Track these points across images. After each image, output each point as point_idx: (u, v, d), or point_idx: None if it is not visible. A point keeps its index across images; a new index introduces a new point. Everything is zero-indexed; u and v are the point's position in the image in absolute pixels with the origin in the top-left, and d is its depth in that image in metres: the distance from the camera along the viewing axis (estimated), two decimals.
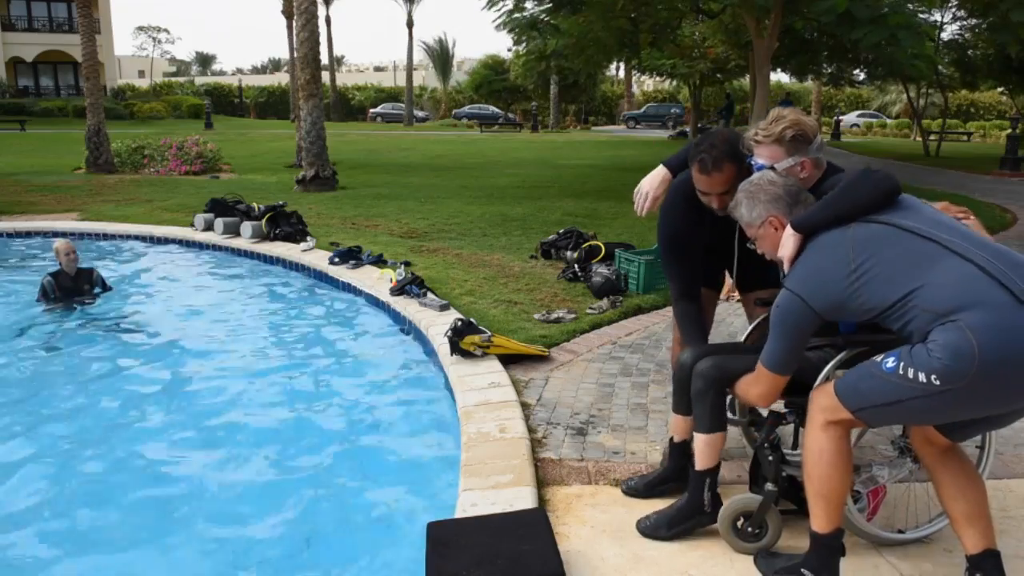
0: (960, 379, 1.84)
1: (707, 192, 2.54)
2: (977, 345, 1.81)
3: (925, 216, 2.05)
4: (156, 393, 4.39)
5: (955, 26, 18.86)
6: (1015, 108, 22.84)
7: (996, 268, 1.88)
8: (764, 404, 2.30)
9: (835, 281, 2.03)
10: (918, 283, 1.92)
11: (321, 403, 4.21)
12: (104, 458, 3.59)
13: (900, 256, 1.97)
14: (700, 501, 2.52)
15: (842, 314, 2.08)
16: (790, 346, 2.14)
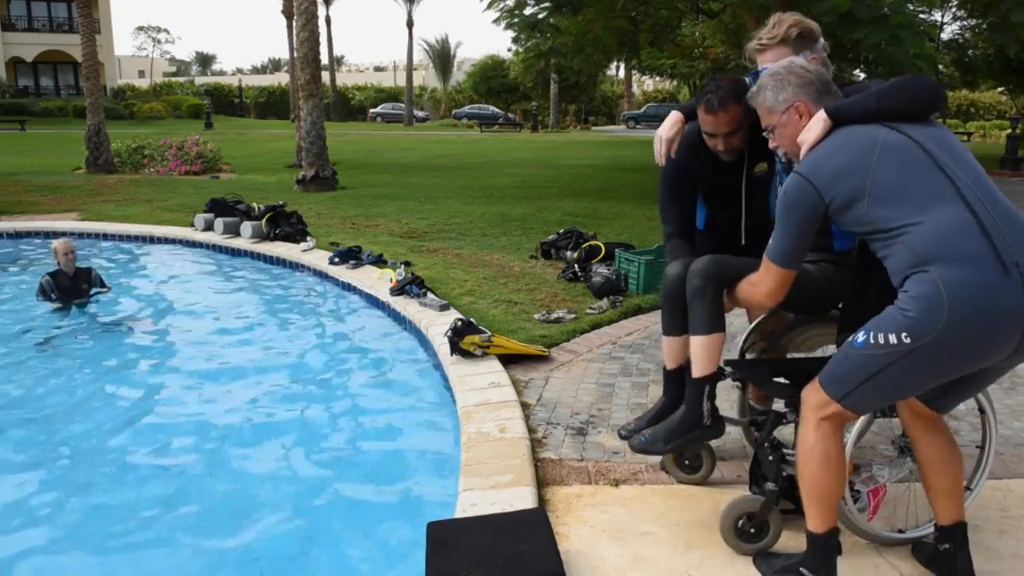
0: (928, 333, 1.83)
1: (713, 133, 2.52)
2: (947, 299, 1.81)
3: (952, 149, 1.99)
4: (155, 393, 4.39)
5: (955, 26, 18.87)
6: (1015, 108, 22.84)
7: (997, 230, 1.85)
8: (772, 301, 2.21)
9: (851, 177, 1.97)
10: (919, 219, 1.89)
11: (320, 403, 4.21)
12: (103, 458, 3.59)
13: (917, 183, 1.93)
14: (699, 412, 2.43)
15: (843, 216, 2.01)
16: (798, 237, 2.07)
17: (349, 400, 4.24)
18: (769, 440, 2.44)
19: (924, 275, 1.84)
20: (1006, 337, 1.84)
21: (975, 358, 1.90)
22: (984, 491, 2.64)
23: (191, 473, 3.43)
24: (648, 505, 2.71)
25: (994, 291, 1.80)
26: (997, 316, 1.81)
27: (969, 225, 1.85)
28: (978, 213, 1.87)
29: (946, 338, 1.83)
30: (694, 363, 2.42)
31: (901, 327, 1.87)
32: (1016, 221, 1.89)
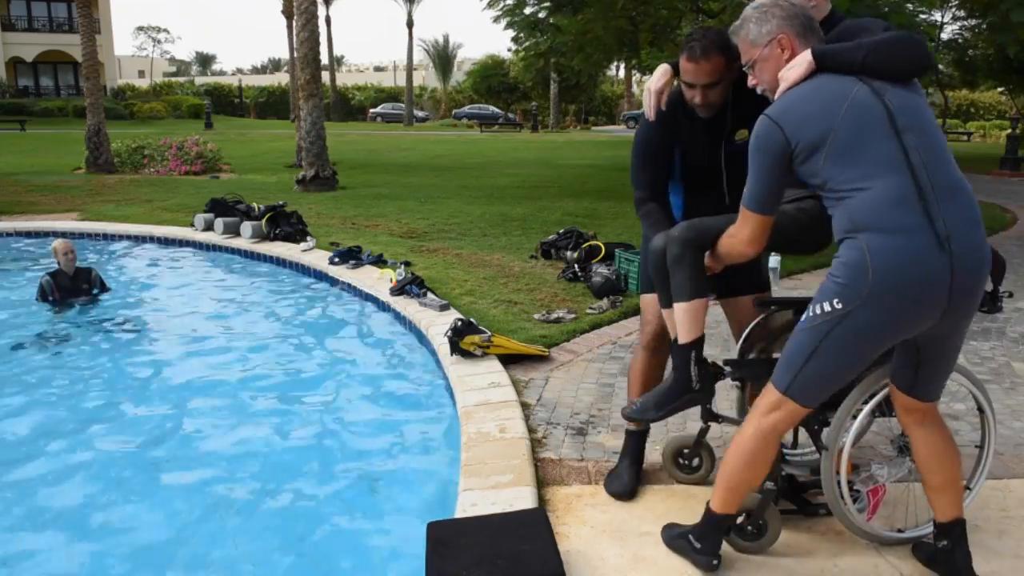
0: (855, 299, 1.90)
1: (692, 83, 2.45)
2: (870, 265, 1.88)
3: (920, 118, 1.99)
4: (155, 392, 4.39)
5: (955, 26, 18.86)
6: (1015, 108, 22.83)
7: (937, 207, 1.89)
8: (753, 250, 2.21)
9: (816, 127, 1.97)
10: (862, 185, 1.93)
11: (320, 403, 4.21)
12: (102, 458, 3.59)
13: (871, 149, 1.94)
14: (688, 377, 2.42)
15: (803, 165, 2.01)
16: (769, 181, 2.07)
17: (349, 400, 4.24)
18: None
19: (853, 241, 1.92)
20: (931, 303, 1.90)
21: (904, 323, 1.94)
22: (984, 491, 2.64)
23: (190, 473, 3.43)
24: (648, 505, 2.71)
25: (919, 260, 1.86)
26: (919, 283, 1.87)
27: (909, 198, 1.89)
28: (922, 187, 1.90)
29: (872, 303, 1.89)
30: (679, 329, 2.41)
31: (833, 294, 1.94)
32: (960, 199, 1.93)
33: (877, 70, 1.99)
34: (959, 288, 1.90)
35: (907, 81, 2.02)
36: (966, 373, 2.44)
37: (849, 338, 1.96)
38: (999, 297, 2.43)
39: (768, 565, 2.35)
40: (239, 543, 2.89)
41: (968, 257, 1.90)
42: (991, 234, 8.53)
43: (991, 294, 2.44)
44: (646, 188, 2.67)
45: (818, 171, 1.98)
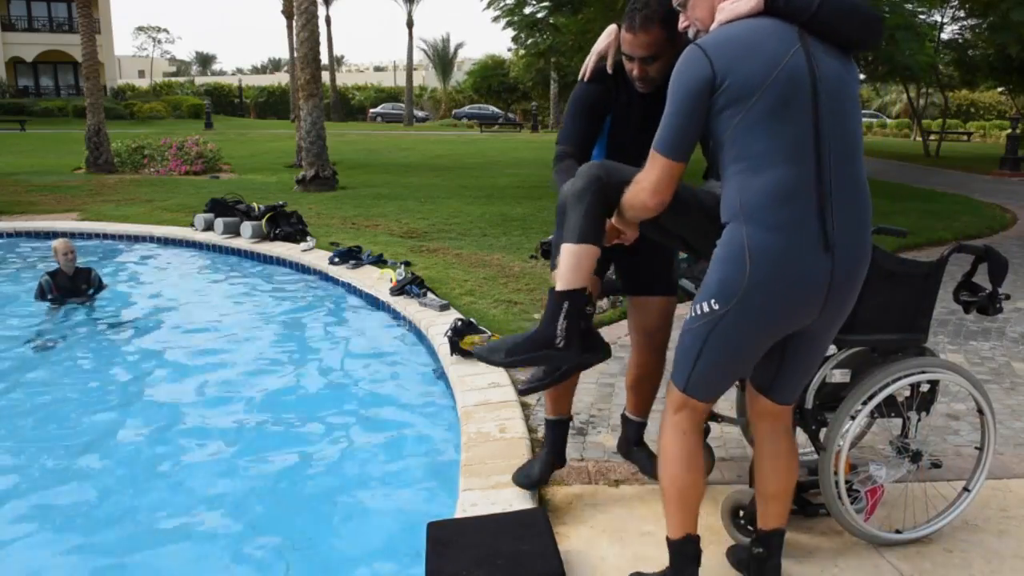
0: (731, 298, 1.83)
1: (630, 55, 2.32)
2: (749, 265, 1.79)
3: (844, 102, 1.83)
4: (154, 392, 4.39)
5: (955, 26, 18.86)
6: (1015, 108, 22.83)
7: (831, 208, 1.80)
8: (655, 201, 1.91)
9: (749, 72, 1.76)
10: (768, 166, 1.78)
11: (320, 403, 4.21)
12: (102, 457, 3.59)
13: (785, 126, 1.77)
14: (552, 331, 2.06)
15: (719, 115, 1.80)
16: (685, 120, 1.82)
17: (349, 400, 4.25)
18: None
19: (736, 230, 1.81)
20: (807, 303, 1.85)
21: (781, 322, 1.89)
22: (984, 491, 2.64)
23: (189, 473, 3.43)
24: (648, 505, 2.71)
25: (799, 262, 1.79)
26: (797, 286, 1.81)
27: (805, 193, 1.78)
28: (823, 181, 1.79)
29: (748, 303, 1.82)
30: (559, 275, 2.08)
31: (711, 293, 1.87)
32: (858, 201, 1.85)
33: (828, 26, 1.80)
34: (837, 288, 1.85)
35: (848, 52, 1.87)
36: (966, 373, 2.44)
37: (729, 338, 1.89)
38: (998, 299, 2.44)
39: None
40: (238, 542, 2.89)
41: (850, 258, 1.84)
42: (991, 234, 8.53)
43: (990, 295, 2.44)
44: (573, 143, 2.44)
45: (730, 127, 1.79)
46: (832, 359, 2.41)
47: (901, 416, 2.47)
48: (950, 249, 2.45)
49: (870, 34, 1.85)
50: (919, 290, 2.45)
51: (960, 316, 5.02)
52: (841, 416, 2.32)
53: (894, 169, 16.88)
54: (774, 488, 2.17)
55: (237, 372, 4.67)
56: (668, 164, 1.86)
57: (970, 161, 18.69)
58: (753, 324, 1.87)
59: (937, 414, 3.43)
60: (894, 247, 6.30)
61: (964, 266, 2.52)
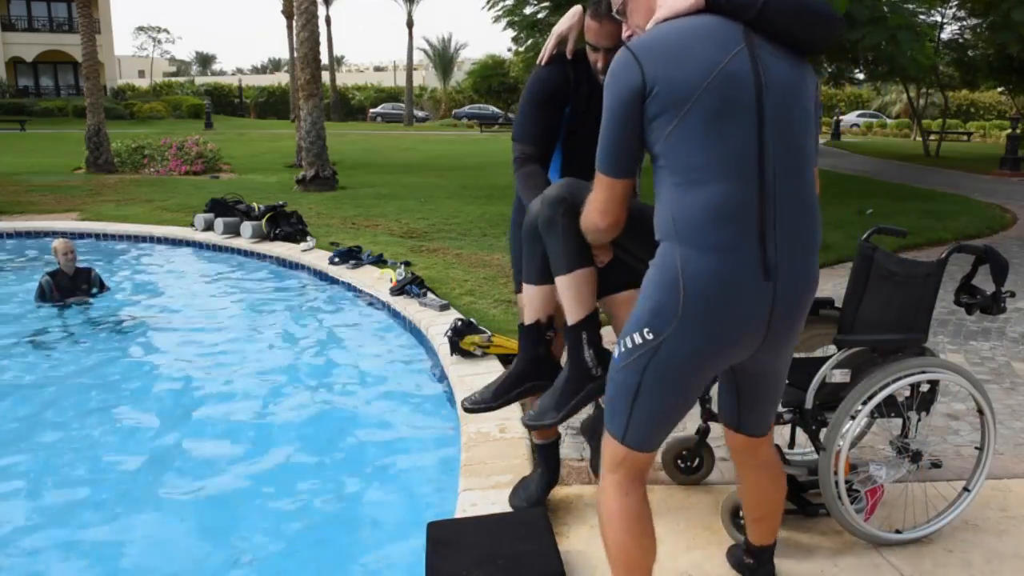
0: (667, 325, 1.63)
1: (595, 46, 2.16)
2: (683, 291, 1.61)
3: (791, 108, 1.64)
4: (155, 393, 4.39)
5: (955, 26, 18.86)
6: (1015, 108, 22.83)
7: (773, 229, 1.61)
8: (605, 221, 1.76)
9: (681, 75, 1.57)
10: (705, 181, 1.59)
11: (320, 403, 4.21)
12: (102, 457, 3.59)
13: (726, 135, 1.58)
14: (584, 364, 2.02)
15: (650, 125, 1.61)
16: (619, 131, 1.65)
17: (349, 400, 4.25)
18: None
19: (669, 252, 1.62)
20: (745, 336, 1.67)
21: (719, 354, 1.70)
22: (984, 491, 2.64)
23: (189, 473, 3.43)
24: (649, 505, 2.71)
25: (737, 290, 1.61)
26: (734, 316, 1.63)
27: (745, 213, 1.59)
28: (766, 199, 1.60)
29: (684, 332, 1.63)
30: (565, 309, 2.02)
31: (643, 322, 1.67)
32: (804, 222, 1.66)
33: (776, 25, 1.62)
34: (779, 320, 1.67)
35: (803, 55, 1.67)
36: (966, 373, 2.44)
37: (668, 371, 1.68)
38: (1002, 297, 2.44)
39: None
40: (237, 542, 2.89)
41: (793, 286, 1.66)
42: (991, 234, 8.53)
43: (993, 295, 2.44)
44: (533, 143, 2.24)
45: (661, 139, 1.61)
46: (832, 359, 2.41)
47: (901, 416, 2.47)
48: (950, 249, 2.44)
49: (824, 33, 1.66)
50: (919, 290, 2.45)
51: (960, 316, 5.02)
52: (841, 416, 2.32)
53: (894, 169, 16.89)
54: (759, 513, 2.13)
55: (237, 372, 4.67)
56: (610, 182, 1.71)
57: (970, 161, 18.69)
58: (691, 354, 1.66)
59: (937, 414, 3.43)
60: (894, 247, 6.30)
61: (964, 266, 2.52)
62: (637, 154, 1.71)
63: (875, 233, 2.82)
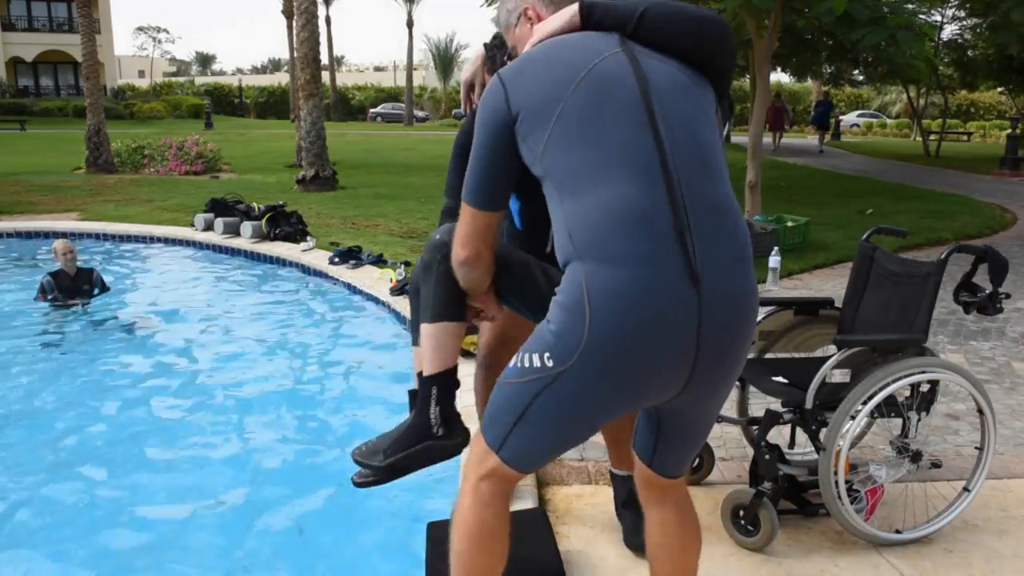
0: (570, 355, 1.40)
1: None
2: (590, 314, 1.37)
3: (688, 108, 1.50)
4: (155, 393, 4.39)
5: (955, 26, 18.86)
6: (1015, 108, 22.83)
7: (690, 229, 1.40)
8: (465, 253, 1.65)
9: (543, 90, 1.48)
10: (597, 183, 1.42)
11: (320, 403, 4.22)
12: (102, 457, 3.59)
13: (613, 133, 1.43)
14: (427, 419, 1.91)
15: (524, 144, 1.50)
16: (486, 161, 1.56)
17: (349, 400, 4.25)
18: (766, 439, 2.44)
19: (573, 272, 1.41)
20: (667, 369, 1.42)
21: (633, 394, 1.47)
22: (984, 491, 2.64)
23: (190, 472, 3.43)
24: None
25: (657, 299, 1.37)
26: (655, 332, 1.38)
27: (653, 214, 1.39)
28: (676, 199, 1.40)
29: (590, 365, 1.40)
30: (424, 357, 1.93)
31: (546, 346, 1.45)
32: (724, 225, 1.46)
33: (655, 34, 1.53)
34: (709, 346, 1.41)
35: (696, 67, 1.56)
36: (966, 373, 2.45)
37: (563, 407, 1.47)
38: (999, 298, 2.44)
39: (768, 564, 2.35)
40: (237, 542, 2.89)
41: (725, 297, 1.41)
42: (991, 234, 8.53)
43: (990, 295, 2.44)
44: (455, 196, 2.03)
45: (540, 156, 1.47)
46: (832, 359, 2.41)
47: (901, 416, 2.47)
48: (950, 249, 2.44)
49: (704, 39, 1.56)
50: (919, 290, 2.45)
51: (960, 316, 5.02)
52: (841, 416, 2.32)
53: (894, 169, 16.88)
54: (668, 570, 1.78)
55: (237, 372, 4.67)
56: (471, 213, 1.60)
57: (970, 161, 18.68)
58: (595, 393, 1.44)
59: (937, 414, 3.43)
60: (894, 247, 6.30)
61: (964, 266, 2.52)
62: (507, 187, 1.60)
63: (875, 233, 2.83)
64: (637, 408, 1.61)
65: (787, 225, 7.18)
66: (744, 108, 31.96)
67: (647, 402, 1.54)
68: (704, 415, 1.60)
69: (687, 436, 1.65)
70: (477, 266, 1.68)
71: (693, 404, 1.55)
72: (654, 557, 1.79)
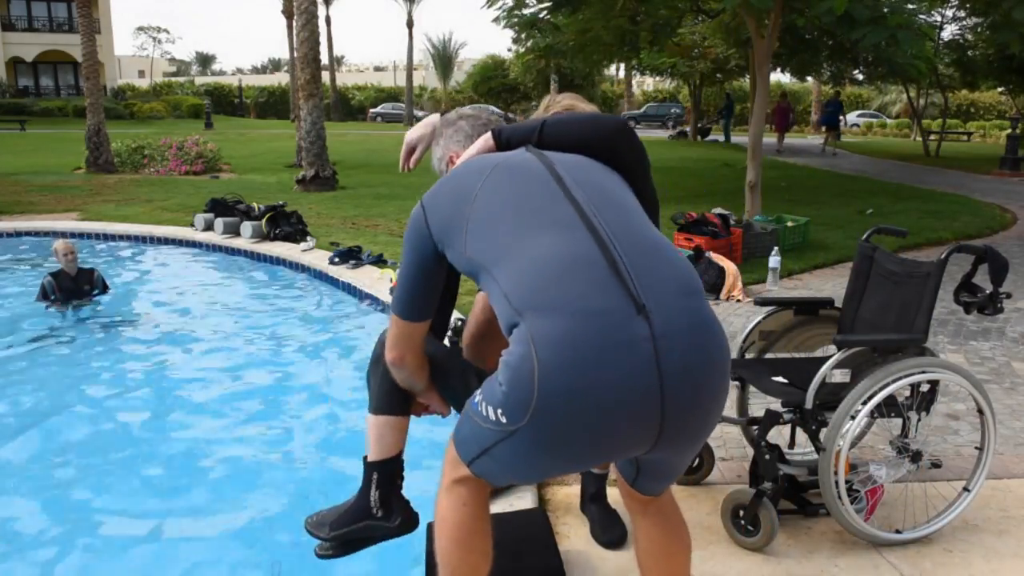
0: (522, 415, 1.34)
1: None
2: (538, 367, 1.31)
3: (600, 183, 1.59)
4: (155, 393, 4.39)
5: (955, 26, 18.86)
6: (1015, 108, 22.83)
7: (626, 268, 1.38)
8: (391, 355, 1.81)
9: (456, 203, 1.57)
10: (523, 244, 1.43)
11: (320, 403, 4.21)
12: (102, 457, 3.59)
13: (528, 204, 1.50)
14: (367, 501, 2.02)
15: (451, 252, 1.57)
16: (411, 278, 1.66)
17: (348, 400, 4.24)
18: (766, 439, 2.44)
19: (518, 332, 1.36)
20: (632, 420, 1.34)
21: (593, 452, 1.41)
22: (984, 491, 2.64)
23: (189, 472, 3.43)
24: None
25: (611, 342, 1.30)
26: (611, 382, 1.30)
27: (587, 255, 1.38)
28: (602, 240, 1.42)
29: (542, 426, 1.34)
30: (368, 442, 2.05)
31: (497, 403, 1.40)
32: (658, 255, 1.45)
33: (554, 135, 1.71)
34: (676, 392, 1.33)
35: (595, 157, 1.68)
36: (966, 373, 2.45)
37: (523, 459, 1.44)
38: (999, 298, 2.44)
39: (768, 564, 2.35)
40: (236, 541, 2.89)
41: (684, 341, 1.34)
42: (991, 234, 8.52)
43: (991, 295, 2.44)
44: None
45: (465, 251, 1.52)
46: (832, 359, 2.41)
47: (901, 416, 2.47)
48: (950, 249, 2.44)
49: (597, 135, 1.73)
50: (919, 290, 2.45)
51: (960, 316, 5.02)
52: (841, 416, 2.32)
53: (894, 169, 16.88)
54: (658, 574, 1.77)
55: (237, 372, 4.67)
56: (400, 324, 1.73)
57: (970, 161, 18.68)
58: (550, 452, 1.40)
59: (937, 414, 3.43)
60: (894, 247, 6.30)
61: (964, 266, 2.52)
62: (431, 303, 1.71)
63: (875, 233, 2.83)
64: (610, 461, 1.63)
65: (787, 225, 7.18)
66: (744, 108, 31.98)
67: (617, 456, 1.51)
68: (687, 455, 1.57)
69: (670, 473, 1.64)
70: (403, 367, 1.82)
71: (671, 457, 1.52)
72: (642, 564, 1.79)
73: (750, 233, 6.65)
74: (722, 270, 5.51)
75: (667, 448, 1.43)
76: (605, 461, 1.56)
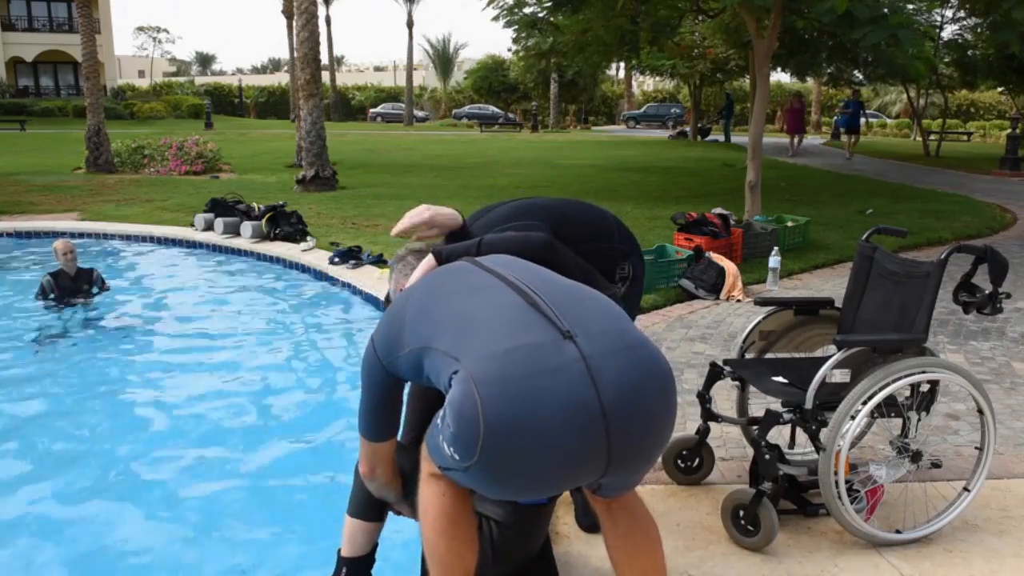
0: (471, 454, 1.39)
1: None
2: (481, 406, 1.37)
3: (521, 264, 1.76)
4: (155, 392, 4.39)
5: (955, 26, 18.85)
6: (1015, 108, 22.83)
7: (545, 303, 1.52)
8: (363, 469, 1.92)
9: (394, 319, 1.70)
10: (452, 308, 1.58)
11: (320, 402, 4.22)
12: (102, 456, 3.59)
13: (452, 285, 1.67)
14: None
15: (401, 371, 1.69)
16: (371, 404, 1.79)
17: (348, 400, 4.24)
18: (766, 439, 2.44)
19: (458, 377, 1.43)
20: (582, 433, 1.38)
21: (551, 475, 1.44)
22: (984, 491, 2.64)
23: (189, 472, 3.43)
24: (649, 505, 2.69)
25: (550, 373, 1.38)
26: (555, 407, 1.36)
27: (511, 303, 1.53)
28: (522, 289, 1.57)
29: (492, 464, 1.40)
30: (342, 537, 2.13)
31: (448, 439, 1.45)
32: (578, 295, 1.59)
33: (491, 249, 1.94)
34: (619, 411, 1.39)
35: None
36: (966, 373, 2.44)
37: (483, 487, 1.52)
38: (998, 298, 2.44)
39: (768, 564, 2.35)
40: (236, 541, 2.89)
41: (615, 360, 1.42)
42: (991, 234, 8.52)
43: (990, 295, 2.44)
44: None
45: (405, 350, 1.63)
46: (832, 359, 2.41)
47: (901, 416, 2.47)
48: (950, 249, 2.44)
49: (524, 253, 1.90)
50: (919, 290, 2.45)
51: (960, 316, 5.02)
52: (841, 416, 2.32)
53: (894, 169, 16.88)
54: (625, 572, 1.81)
55: (237, 372, 4.67)
56: (367, 445, 1.87)
57: (970, 161, 18.68)
58: (505, 487, 1.48)
59: (937, 414, 3.43)
60: (894, 247, 6.30)
61: (964, 266, 2.52)
62: (393, 424, 1.84)
63: (875, 233, 2.83)
64: (569, 487, 1.70)
65: (787, 225, 7.18)
66: (744, 108, 31.98)
67: (576, 482, 1.54)
68: (641, 471, 1.61)
69: (628, 484, 1.69)
70: (374, 480, 1.93)
71: (628, 476, 1.58)
72: (613, 560, 1.84)
73: (750, 233, 6.65)
74: (722, 270, 5.51)
75: (620, 469, 1.48)
76: (564, 488, 1.64)
